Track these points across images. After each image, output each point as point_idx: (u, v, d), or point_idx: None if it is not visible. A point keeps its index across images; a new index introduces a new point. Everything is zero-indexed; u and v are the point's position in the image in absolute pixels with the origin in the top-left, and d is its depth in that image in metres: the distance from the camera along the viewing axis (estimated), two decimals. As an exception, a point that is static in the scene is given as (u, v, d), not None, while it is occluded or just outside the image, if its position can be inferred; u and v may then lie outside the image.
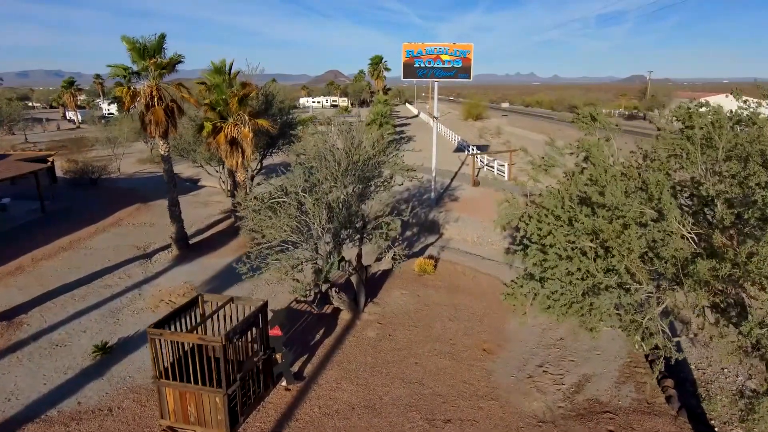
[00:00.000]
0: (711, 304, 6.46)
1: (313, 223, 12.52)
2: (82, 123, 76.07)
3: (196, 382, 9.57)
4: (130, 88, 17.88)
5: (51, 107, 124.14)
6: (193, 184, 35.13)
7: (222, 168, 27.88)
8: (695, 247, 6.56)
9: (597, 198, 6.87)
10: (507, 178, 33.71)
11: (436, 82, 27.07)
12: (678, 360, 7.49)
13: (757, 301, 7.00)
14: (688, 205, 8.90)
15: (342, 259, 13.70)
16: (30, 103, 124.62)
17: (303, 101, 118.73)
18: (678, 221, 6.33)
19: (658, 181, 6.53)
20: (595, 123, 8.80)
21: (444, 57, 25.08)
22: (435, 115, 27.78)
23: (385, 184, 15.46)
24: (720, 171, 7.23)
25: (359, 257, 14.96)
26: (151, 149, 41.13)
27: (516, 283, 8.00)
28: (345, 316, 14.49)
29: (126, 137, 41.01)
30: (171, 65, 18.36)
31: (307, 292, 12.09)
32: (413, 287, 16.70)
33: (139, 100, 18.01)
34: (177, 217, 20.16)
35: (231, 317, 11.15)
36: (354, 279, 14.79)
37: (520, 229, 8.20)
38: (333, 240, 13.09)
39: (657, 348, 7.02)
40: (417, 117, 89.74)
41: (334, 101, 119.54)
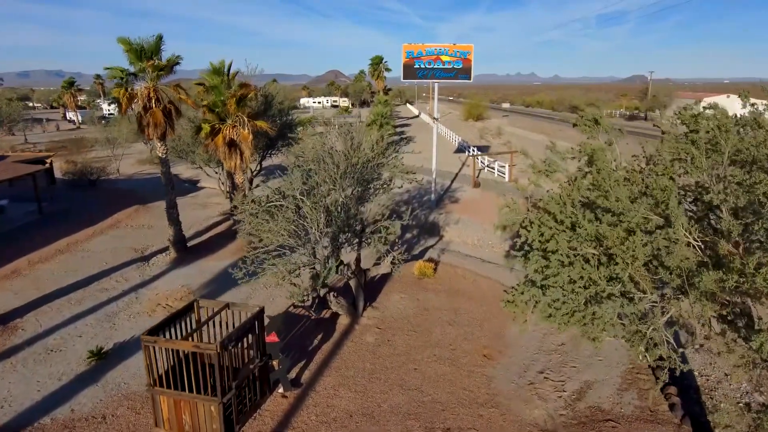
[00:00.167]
0: (718, 315, 6.28)
1: (311, 227, 12.34)
2: (82, 123, 75.94)
3: (191, 389, 9.41)
4: (127, 89, 17.70)
5: (51, 107, 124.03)
6: (193, 185, 34.97)
7: (221, 169, 27.71)
8: (701, 255, 6.37)
9: (602, 202, 6.68)
10: (508, 179, 33.53)
11: (436, 83, 26.90)
12: (679, 363, 7.31)
13: (765, 308, 6.82)
14: (692, 211, 8.71)
15: (340, 263, 13.52)
16: (30, 104, 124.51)
17: (303, 101, 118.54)
18: (685, 228, 6.15)
19: (665, 187, 6.34)
20: (598, 126, 8.61)
21: (444, 58, 24.89)
22: (435, 117, 27.59)
23: (385, 186, 15.28)
24: (726, 176, 7.04)
25: (358, 261, 14.78)
26: (151, 150, 40.93)
27: (516, 290, 7.82)
28: (343, 320, 14.32)
29: (125, 138, 40.85)
30: (169, 67, 18.18)
31: (305, 297, 11.91)
32: (413, 291, 16.52)
33: (137, 101, 17.83)
34: (175, 220, 20.00)
35: (227, 323, 11.00)
36: (353, 283, 14.61)
37: (521, 235, 8.01)
38: (331, 244, 12.91)
39: (662, 359, 6.85)
40: (418, 117, 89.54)
41: (334, 101, 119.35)
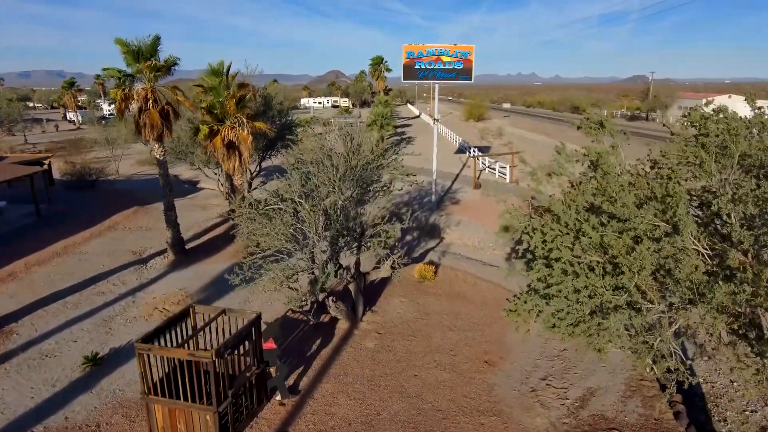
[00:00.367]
0: (729, 329, 6.07)
1: (310, 231, 12.14)
2: (82, 124, 75.79)
3: (186, 398, 9.21)
4: (124, 90, 17.51)
5: (52, 108, 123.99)
6: (192, 186, 34.82)
7: (220, 171, 27.53)
8: (710, 265, 6.17)
9: (607, 207, 6.47)
10: (509, 180, 33.35)
11: (436, 83, 26.69)
12: (688, 375, 7.10)
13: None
14: (697, 216, 8.50)
15: (339, 267, 13.32)
16: (31, 104, 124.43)
17: (304, 102, 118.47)
18: (693, 236, 5.94)
19: (674, 193, 6.13)
20: (603, 129, 8.40)
21: (445, 58, 24.68)
22: (436, 118, 27.39)
23: (384, 189, 15.07)
24: (735, 181, 6.83)
25: (357, 264, 14.58)
26: (150, 151, 40.69)
27: (519, 299, 7.61)
28: (342, 325, 14.12)
29: (125, 138, 40.65)
30: (166, 68, 17.99)
31: (303, 302, 11.71)
32: (413, 295, 16.31)
33: (132, 102, 17.63)
34: (173, 222, 19.81)
35: (224, 329, 10.82)
36: (352, 287, 14.41)
37: (523, 241, 7.81)
38: (330, 248, 12.71)
39: (669, 371, 6.65)
40: (418, 118, 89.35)
41: (335, 102, 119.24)
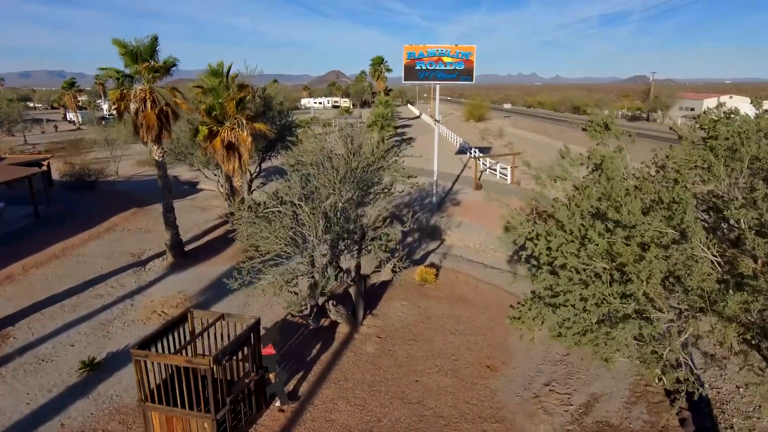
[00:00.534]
0: (741, 338, 5.91)
1: (310, 234, 11.97)
2: (82, 124, 75.60)
3: (183, 405, 9.05)
4: (122, 91, 17.34)
5: (52, 108, 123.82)
6: (192, 187, 34.65)
7: (220, 172, 27.35)
8: (720, 272, 6.00)
9: (613, 215, 6.31)
10: (510, 181, 33.19)
11: (437, 84, 26.52)
12: (698, 386, 6.94)
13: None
14: (704, 220, 8.33)
15: (340, 270, 13.15)
16: (31, 104, 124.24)
17: (304, 102, 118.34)
18: (702, 243, 5.78)
19: (681, 199, 5.96)
20: (608, 132, 8.23)
21: (446, 59, 24.51)
22: (437, 119, 27.22)
23: (385, 191, 14.90)
24: (745, 185, 6.66)
25: (358, 268, 14.42)
26: (150, 152, 40.56)
27: (523, 306, 7.45)
28: (343, 329, 13.96)
29: (125, 139, 40.48)
30: (165, 69, 17.81)
31: (303, 306, 11.54)
32: (414, 298, 16.15)
33: (130, 103, 17.45)
34: (172, 224, 19.65)
35: (222, 334, 10.65)
36: (352, 290, 14.24)
37: (527, 247, 7.64)
38: (330, 251, 12.53)
39: (679, 382, 6.48)
40: (419, 118, 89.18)
41: (335, 102, 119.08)
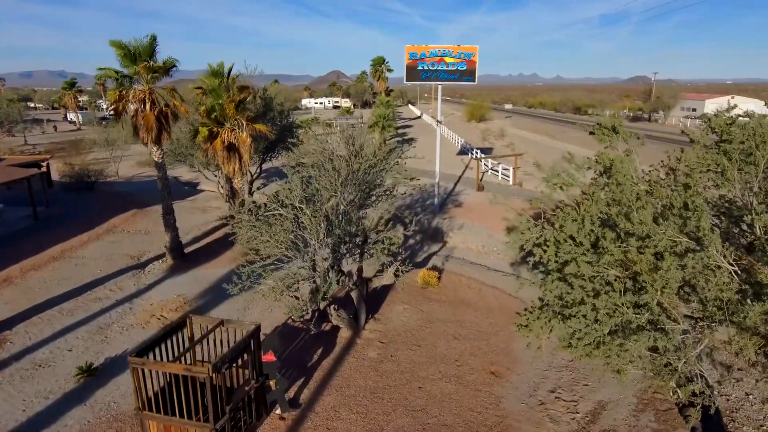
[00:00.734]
0: (761, 351, 5.70)
1: (311, 238, 11.76)
2: (82, 125, 75.42)
3: (182, 413, 8.85)
4: (120, 92, 17.15)
5: (53, 108, 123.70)
6: (192, 188, 34.47)
7: (220, 173, 27.15)
8: (739, 281, 5.78)
9: (624, 225, 6.10)
10: (512, 182, 32.97)
11: (439, 85, 26.30)
12: (714, 400, 6.73)
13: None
14: (716, 225, 8.12)
15: (341, 274, 12.95)
16: (32, 104, 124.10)
17: (305, 102, 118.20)
18: (719, 252, 5.57)
19: (694, 207, 5.75)
20: (617, 135, 8.02)
21: (448, 59, 24.28)
22: (439, 120, 27.00)
23: (387, 193, 14.70)
24: (761, 190, 6.45)
25: (360, 271, 14.22)
26: (150, 152, 40.38)
27: (531, 313, 7.23)
28: (344, 333, 13.75)
29: (125, 139, 40.27)
30: (164, 69, 17.60)
31: (304, 311, 11.33)
32: (416, 301, 15.94)
33: (129, 104, 17.24)
34: (172, 226, 19.45)
35: (222, 340, 10.45)
36: (354, 294, 14.04)
37: (535, 254, 7.42)
38: (332, 255, 12.33)
39: (695, 395, 6.27)
40: (420, 118, 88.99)
41: (336, 102, 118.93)
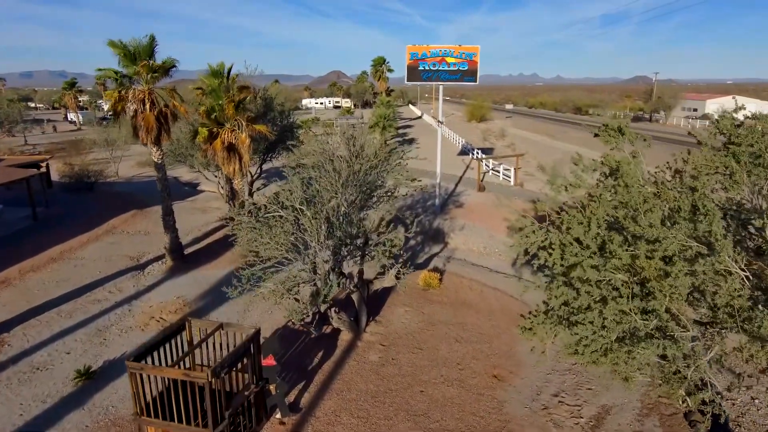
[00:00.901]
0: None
1: (312, 240, 11.63)
2: (82, 125, 75.28)
3: (180, 418, 8.72)
4: (120, 92, 17.02)
5: (53, 108, 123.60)
6: (192, 188, 34.33)
7: (220, 173, 27.01)
8: (750, 288, 5.66)
9: (634, 229, 5.97)
10: (513, 183, 32.83)
11: (441, 85, 26.16)
12: (724, 409, 6.59)
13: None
14: (724, 227, 7.99)
15: (342, 276, 12.82)
16: (33, 104, 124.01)
17: (305, 102, 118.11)
18: (730, 257, 5.44)
19: (706, 211, 5.62)
20: (623, 136, 7.89)
21: (449, 60, 24.15)
22: (440, 120, 26.86)
23: (388, 194, 14.57)
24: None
25: (361, 273, 14.09)
26: (150, 153, 40.25)
27: (536, 317, 7.10)
28: (345, 336, 13.61)
29: (125, 140, 40.12)
30: (164, 69, 17.48)
31: (305, 314, 11.21)
32: (418, 303, 15.80)
33: (127, 104, 17.09)
34: (171, 227, 19.33)
35: (221, 343, 10.33)
36: (355, 297, 13.90)
37: (539, 257, 7.29)
38: (332, 258, 12.20)
39: (704, 403, 6.14)
40: (420, 118, 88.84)
41: (336, 102, 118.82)
